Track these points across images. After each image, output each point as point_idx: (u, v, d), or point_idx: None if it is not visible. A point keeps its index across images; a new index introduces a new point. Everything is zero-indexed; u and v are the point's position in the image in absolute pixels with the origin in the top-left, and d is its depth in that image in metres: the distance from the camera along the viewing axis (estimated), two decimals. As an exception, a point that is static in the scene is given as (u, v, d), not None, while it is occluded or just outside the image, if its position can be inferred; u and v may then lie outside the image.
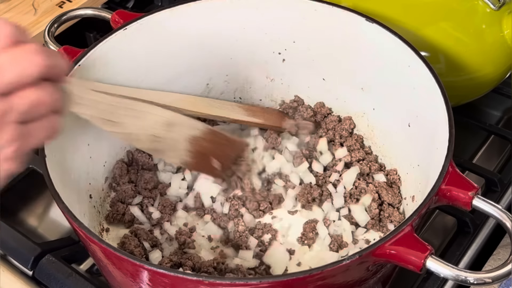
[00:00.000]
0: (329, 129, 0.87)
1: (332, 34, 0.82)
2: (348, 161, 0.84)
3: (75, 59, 0.75)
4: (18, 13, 0.97)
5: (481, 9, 0.85)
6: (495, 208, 0.62)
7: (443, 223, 0.84)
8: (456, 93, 0.85)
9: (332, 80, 0.87)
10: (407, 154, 0.79)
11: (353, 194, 0.80)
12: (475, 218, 0.81)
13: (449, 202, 0.64)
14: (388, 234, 0.59)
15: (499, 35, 0.86)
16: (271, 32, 0.85)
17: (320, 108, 0.89)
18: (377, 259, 0.59)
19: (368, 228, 0.78)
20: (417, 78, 0.74)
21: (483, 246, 0.81)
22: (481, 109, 0.98)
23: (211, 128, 0.79)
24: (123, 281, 0.65)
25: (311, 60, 0.86)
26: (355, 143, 0.85)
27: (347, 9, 0.80)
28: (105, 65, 0.77)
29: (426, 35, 0.84)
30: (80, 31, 1.03)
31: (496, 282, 0.58)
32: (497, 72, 0.89)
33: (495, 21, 0.85)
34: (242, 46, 0.87)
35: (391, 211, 0.78)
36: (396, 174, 0.82)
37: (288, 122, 0.88)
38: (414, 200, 0.76)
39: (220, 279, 0.62)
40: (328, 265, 0.57)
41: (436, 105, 0.70)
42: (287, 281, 0.57)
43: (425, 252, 0.58)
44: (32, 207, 0.86)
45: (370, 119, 0.86)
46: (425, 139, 0.73)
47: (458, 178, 0.64)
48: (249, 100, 0.92)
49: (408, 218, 0.60)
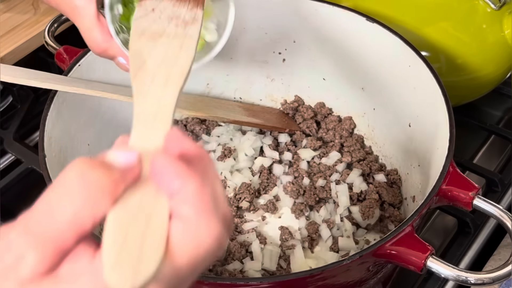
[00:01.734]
0: (329, 129, 0.87)
1: (332, 34, 0.82)
2: (348, 162, 0.84)
3: (75, 58, 0.75)
4: (18, 13, 0.97)
5: (482, 8, 0.85)
6: (495, 208, 0.62)
7: (444, 223, 0.84)
8: (457, 93, 0.84)
9: (333, 80, 0.87)
10: (407, 154, 0.79)
11: (354, 195, 0.80)
12: (475, 218, 0.81)
13: (450, 202, 0.64)
14: (389, 234, 0.58)
15: (499, 35, 0.86)
16: (271, 32, 0.85)
17: (321, 108, 0.89)
18: (377, 260, 0.59)
19: (368, 229, 0.78)
20: (418, 78, 0.74)
21: (484, 246, 0.80)
22: (481, 109, 0.98)
23: None
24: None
25: (311, 60, 0.86)
26: (355, 143, 0.85)
27: (348, 9, 0.80)
28: (105, 65, 0.76)
29: (427, 34, 0.84)
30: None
31: (497, 282, 0.58)
32: (497, 72, 0.88)
33: (495, 21, 0.85)
34: (242, 46, 0.86)
35: (392, 212, 0.78)
36: (397, 174, 0.81)
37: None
38: (414, 200, 0.76)
39: (221, 280, 0.62)
40: (328, 265, 0.56)
41: (436, 105, 0.70)
42: (287, 281, 0.57)
43: (425, 252, 0.58)
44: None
45: (370, 119, 0.86)
46: (425, 139, 0.73)
47: (459, 178, 0.63)
48: (250, 100, 0.92)
49: (409, 218, 0.59)
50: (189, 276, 0.37)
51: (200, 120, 0.88)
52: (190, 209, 0.36)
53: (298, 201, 0.80)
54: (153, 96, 0.44)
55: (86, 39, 0.58)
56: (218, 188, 0.38)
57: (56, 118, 0.70)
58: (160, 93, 0.45)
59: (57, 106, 0.70)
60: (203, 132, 0.88)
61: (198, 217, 0.36)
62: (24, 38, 0.93)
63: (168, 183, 0.36)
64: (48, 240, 0.34)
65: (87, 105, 0.77)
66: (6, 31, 0.93)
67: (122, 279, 0.33)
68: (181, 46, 0.50)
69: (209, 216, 0.36)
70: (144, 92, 0.45)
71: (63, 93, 0.71)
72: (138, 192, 0.36)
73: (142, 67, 0.47)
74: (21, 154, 0.86)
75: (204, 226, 0.36)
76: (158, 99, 0.44)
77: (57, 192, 0.35)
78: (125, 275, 0.33)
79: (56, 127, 0.70)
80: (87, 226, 0.34)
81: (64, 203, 0.34)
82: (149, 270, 0.34)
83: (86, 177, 0.34)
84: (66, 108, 0.72)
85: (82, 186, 0.34)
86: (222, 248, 0.37)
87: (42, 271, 0.34)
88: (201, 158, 0.38)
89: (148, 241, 0.34)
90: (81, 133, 0.75)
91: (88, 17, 0.57)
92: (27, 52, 0.93)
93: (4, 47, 0.90)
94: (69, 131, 0.72)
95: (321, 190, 0.81)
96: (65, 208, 0.34)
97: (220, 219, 0.37)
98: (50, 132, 0.69)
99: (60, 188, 0.35)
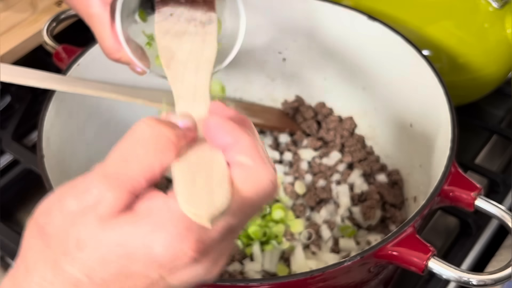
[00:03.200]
0: (330, 129, 0.87)
1: (333, 33, 0.82)
2: (349, 162, 0.83)
3: (73, 58, 0.75)
4: (16, 12, 0.96)
5: (484, 7, 0.85)
6: (497, 209, 0.62)
7: (446, 224, 0.83)
8: (458, 93, 0.84)
9: (333, 80, 0.87)
10: (409, 154, 0.79)
11: (355, 196, 0.80)
12: (477, 219, 0.81)
13: (452, 203, 0.63)
14: (390, 235, 0.58)
15: (501, 34, 0.85)
16: (271, 31, 0.85)
17: (321, 108, 0.88)
18: (378, 260, 0.59)
19: (370, 230, 0.77)
20: (419, 77, 0.74)
21: (486, 247, 0.80)
22: (483, 109, 0.98)
23: None
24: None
25: (312, 60, 0.86)
26: (356, 143, 0.85)
27: (349, 8, 0.80)
28: (104, 64, 0.76)
29: (428, 33, 0.84)
30: (79, 29, 1.03)
31: (499, 283, 0.58)
32: (499, 72, 0.88)
33: (497, 20, 0.85)
34: (243, 46, 0.86)
35: (393, 212, 0.78)
36: (398, 174, 0.81)
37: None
38: (416, 201, 0.75)
39: (221, 281, 0.61)
40: (329, 266, 0.56)
41: (438, 104, 0.69)
42: (288, 282, 0.56)
43: (427, 253, 0.57)
44: (30, 208, 0.84)
45: (371, 119, 0.85)
46: (427, 139, 0.73)
47: (461, 178, 0.63)
48: (250, 99, 0.92)
49: (410, 219, 0.59)
50: (252, 213, 0.42)
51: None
52: (247, 158, 0.40)
53: (298, 202, 0.80)
54: (188, 80, 0.50)
55: (100, 46, 0.60)
56: (263, 145, 0.44)
57: (54, 118, 0.70)
58: (194, 77, 0.50)
59: (55, 106, 0.70)
60: (203, 132, 0.87)
61: (255, 163, 0.40)
62: (22, 37, 0.92)
63: (221, 139, 0.41)
64: (123, 183, 0.38)
65: (86, 105, 0.76)
66: (4, 30, 0.93)
67: (199, 209, 0.37)
68: (204, 40, 0.56)
69: (264, 162, 0.41)
70: (179, 78, 0.50)
71: (61, 93, 0.70)
72: (196, 149, 0.41)
73: (173, 58, 0.53)
74: (19, 154, 0.86)
75: (262, 170, 0.41)
76: (194, 82, 0.50)
77: (130, 142, 0.39)
78: (201, 206, 0.37)
79: (55, 127, 0.70)
80: (156, 172, 0.39)
81: (138, 151, 0.39)
82: (222, 201, 0.38)
83: (155, 129, 0.39)
84: (65, 108, 0.72)
85: (153, 136, 0.39)
86: (276, 191, 0.42)
87: (119, 209, 0.38)
88: (245, 120, 0.44)
89: (215, 182, 0.39)
90: (79, 133, 0.74)
91: (102, 25, 0.58)
92: (25, 52, 0.93)
93: (2, 46, 0.90)
94: (68, 131, 0.72)
95: (322, 191, 0.80)
96: (138, 155, 0.39)
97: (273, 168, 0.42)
98: (49, 132, 0.68)
99: (133, 138, 0.39)
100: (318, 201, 0.80)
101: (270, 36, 0.85)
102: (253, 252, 0.74)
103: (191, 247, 0.38)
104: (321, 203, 0.80)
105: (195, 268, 0.39)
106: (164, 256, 0.38)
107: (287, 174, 0.83)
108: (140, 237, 0.38)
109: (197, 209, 0.37)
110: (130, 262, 0.38)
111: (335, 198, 0.80)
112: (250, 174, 0.40)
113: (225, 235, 0.40)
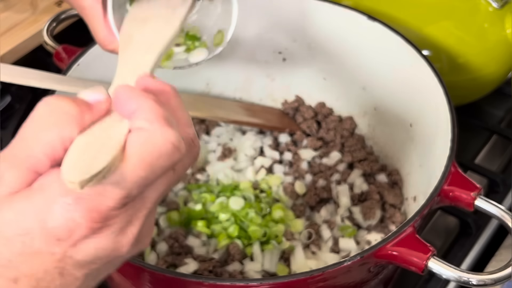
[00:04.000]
0: (330, 129, 0.87)
1: (333, 33, 0.82)
2: (349, 162, 0.83)
3: (73, 58, 0.75)
4: (16, 12, 0.96)
5: (484, 8, 0.85)
6: (497, 209, 0.62)
7: (445, 224, 0.84)
8: (458, 93, 0.84)
9: (333, 80, 0.87)
10: (409, 154, 0.79)
11: (355, 196, 0.80)
12: (477, 218, 0.81)
13: (452, 203, 0.63)
14: (390, 235, 0.58)
15: (501, 34, 0.85)
16: (271, 31, 0.85)
17: (321, 108, 0.88)
18: (378, 260, 0.59)
19: (369, 229, 0.77)
20: (419, 77, 0.74)
21: (486, 247, 0.80)
22: (483, 109, 0.98)
23: None
24: (123, 284, 0.64)
25: (312, 60, 0.86)
26: (356, 143, 0.85)
27: (348, 8, 0.80)
28: (104, 64, 0.76)
29: (428, 34, 0.84)
30: (79, 29, 1.03)
31: (499, 283, 0.58)
32: (499, 72, 0.88)
33: (497, 20, 0.85)
34: (242, 45, 0.86)
35: (393, 212, 0.78)
36: (398, 174, 0.81)
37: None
38: (416, 201, 0.75)
39: (221, 281, 0.61)
40: (329, 266, 0.56)
41: (438, 104, 0.69)
42: (288, 282, 0.56)
43: (427, 253, 0.57)
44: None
45: (371, 119, 0.85)
46: (427, 139, 0.73)
47: (461, 178, 0.63)
48: (250, 99, 0.92)
49: (410, 219, 0.59)
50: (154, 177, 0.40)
51: (200, 120, 0.88)
52: (144, 121, 0.40)
53: (298, 202, 0.80)
54: (133, 61, 0.50)
55: (94, 38, 0.59)
56: (180, 113, 0.44)
57: (54, 118, 0.70)
58: (140, 58, 0.50)
59: (55, 106, 0.70)
60: (203, 132, 0.87)
61: (150, 125, 0.40)
62: (22, 38, 0.92)
63: (125, 106, 0.41)
64: (21, 161, 0.39)
65: (86, 105, 0.76)
66: (5, 30, 0.93)
67: (74, 173, 0.37)
68: (167, 21, 0.55)
69: (162, 123, 0.40)
70: (126, 59, 0.50)
71: (61, 93, 0.70)
72: (105, 122, 0.41)
73: (129, 43, 0.52)
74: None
75: (158, 132, 0.40)
76: (138, 62, 0.50)
77: (29, 121, 0.40)
78: (75, 173, 0.37)
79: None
80: (57, 147, 0.39)
81: (35, 128, 0.39)
82: (98, 166, 0.37)
83: (53, 105, 0.40)
84: (65, 107, 0.72)
85: (48, 113, 0.39)
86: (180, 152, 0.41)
87: (19, 188, 0.39)
88: (164, 90, 0.44)
89: (104, 150, 0.39)
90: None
91: (95, 17, 0.58)
92: (25, 52, 0.93)
93: (3, 47, 0.90)
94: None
95: (322, 191, 0.80)
96: (36, 132, 0.39)
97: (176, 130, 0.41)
98: (49, 132, 0.68)
99: (32, 117, 0.40)
100: (318, 201, 0.80)
101: (270, 36, 0.85)
102: (253, 252, 0.74)
103: (84, 217, 0.38)
104: (321, 203, 0.80)
105: (97, 239, 0.39)
106: (58, 228, 0.38)
107: (287, 174, 0.83)
108: (33, 212, 0.38)
109: (71, 176, 0.37)
110: (30, 239, 0.38)
111: (335, 198, 0.80)
112: (145, 138, 0.40)
113: (123, 202, 0.39)
